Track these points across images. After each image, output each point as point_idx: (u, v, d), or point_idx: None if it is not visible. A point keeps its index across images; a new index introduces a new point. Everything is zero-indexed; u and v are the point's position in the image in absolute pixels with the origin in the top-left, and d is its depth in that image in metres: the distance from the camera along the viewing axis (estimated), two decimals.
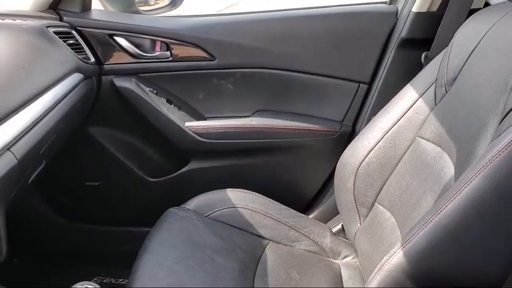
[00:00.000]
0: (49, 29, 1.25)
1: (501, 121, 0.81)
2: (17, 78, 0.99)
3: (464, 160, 0.88)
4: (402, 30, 1.45)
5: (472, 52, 1.02)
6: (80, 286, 0.77)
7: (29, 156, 0.94)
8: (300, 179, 1.63)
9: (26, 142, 0.93)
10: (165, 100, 1.52)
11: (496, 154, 0.74)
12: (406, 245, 0.81)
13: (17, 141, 0.90)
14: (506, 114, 0.80)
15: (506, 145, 0.73)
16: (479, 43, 1.01)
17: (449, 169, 0.94)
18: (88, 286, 0.77)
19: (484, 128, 0.86)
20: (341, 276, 1.21)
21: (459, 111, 0.99)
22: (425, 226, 0.79)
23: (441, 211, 0.78)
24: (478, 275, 0.80)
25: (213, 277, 1.08)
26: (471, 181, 0.76)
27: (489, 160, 0.74)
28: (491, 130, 0.84)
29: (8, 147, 0.87)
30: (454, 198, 0.77)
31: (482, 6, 1.32)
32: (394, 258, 0.82)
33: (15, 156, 0.88)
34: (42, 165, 1.09)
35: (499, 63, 0.90)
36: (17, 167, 0.88)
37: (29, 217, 1.51)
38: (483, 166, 0.75)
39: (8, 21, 1.20)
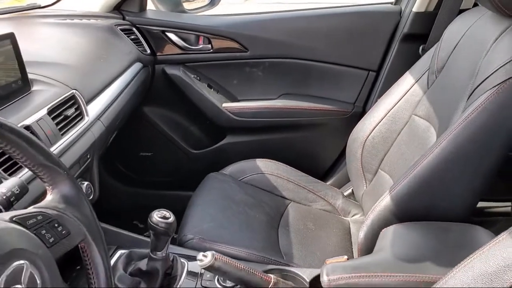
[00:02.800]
0: (116, 27, 1.50)
1: (467, 100, 1.04)
2: (99, 66, 1.27)
3: (442, 131, 1.09)
4: (405, 27, 1.60)
5: (455, 47, 1.21)
6: (158, 212, 1.00)
7: (111, 125, 1.21)
8: (318, 152, 1.78)
9: (109, 114, 1.20)
10: (206, 85, 1.71)
11: (458, 125, 0.98)
12: (392, 191, 1.05)
13: (103, 113, 1.17)
14: (470, 95, 1.03)
15: (464, 118, 0.97)
16: (460, 40, 1.20)
17: (433, 138, 1.15)
18: (164, 212, 0.99)
19: (457, 106, 1.07)
20: (349, 229, 1.41)
21: (443, 94, 1.20)
22: (407, 177, 1.03)
23: (419, 165, 1.02)
24: (447, 212, 1.03)
25: (246, 224, 1.29)
26: (440, 144, 1.00)
27: (453, 129, 0.99)
28: (461, 108, 1.05)
29: (99, 117, 1.15)
30: (428, 156, 1.01)
31: (471, 6, 1.47)
32: (383, 202, 1.06)
33: (103, 124, 1.15)
34: (115, 134, 1.36)
35: (471, 56, 1.10)
36: (104, 132, 1.16)
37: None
38: (448, 133, 0.99)
39: (85, 21, 1.47)
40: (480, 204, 1.38)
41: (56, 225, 0.63)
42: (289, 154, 1.71)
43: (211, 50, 1.69)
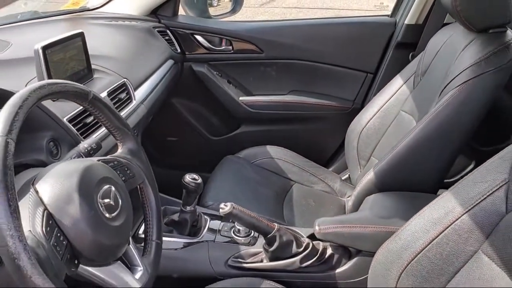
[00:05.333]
0: (154, 29, 1.74)
1: (439, 97, 1.28)
2: (142, 60, 1.51)
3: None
4: (398, 36, 1.79)
5: (436, 54, 1.42)
6: (189, 176, 1.23)
7: (151, 109, 1.44)
8: (321, 141, 1.95)
9: (149, 100, 1.43)
10: (226, 81, 1.91)
11: (429, 115, 1.21)
12: (376, 168, 1.28)
13: (146, 99, 1.41)
14: (441, 93, 1.26)
15: (434, 110, 1.20)
16: (440, 48, 1.41)
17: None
18: (194, 175, 1.23)
19: (432, 102, 1.29)
20: (345, 208, 1.60)
21: (424, 93, 1.41)
22: (388, 157, 1.26)
23: (397, 147, 1.25)
24: (418, 185, 1.25)
25: (256, 198, 1.51)
26: (414, 131, 1.23)
27: (425, 119, 1.21)
28: (435, 103, 1.27)
29: (143, 101, 1.38)
30: (405, 140, 1.24)
31: (453, 21, 1.57)
32: (368, 176, 1.29)
33: (146, 107, 1.39)
34: (151, 117, 1.59)
35: (446, 62, 1.32)
36: (146, 114, 1.39)
37: None
38: (421, 122, 1.22)
39: (127, 22, 1.70)
40: None
41: (125, 169, 0.89)
42: (296, 142, 1.88)
43: (232, 51, 1.87)
